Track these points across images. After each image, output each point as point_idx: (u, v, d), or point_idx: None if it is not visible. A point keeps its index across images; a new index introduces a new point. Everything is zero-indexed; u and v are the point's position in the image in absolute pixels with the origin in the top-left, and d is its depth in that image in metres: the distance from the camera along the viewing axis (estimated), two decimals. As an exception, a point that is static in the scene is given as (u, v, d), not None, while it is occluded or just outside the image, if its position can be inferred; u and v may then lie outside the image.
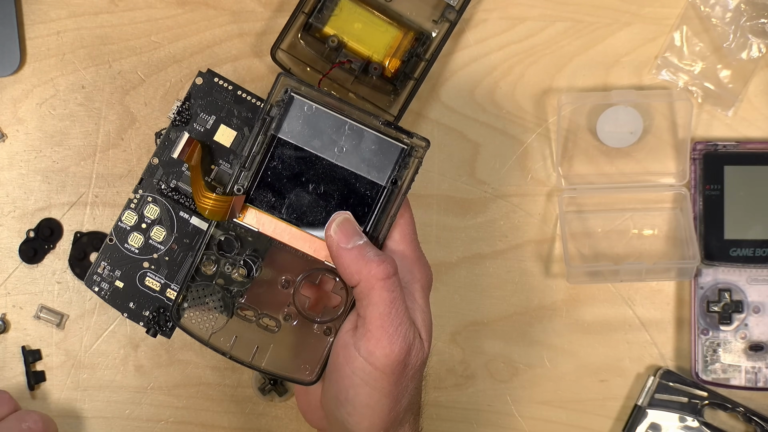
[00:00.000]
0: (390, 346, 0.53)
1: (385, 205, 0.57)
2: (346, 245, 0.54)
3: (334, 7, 0.66)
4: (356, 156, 0.56)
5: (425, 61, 0.67)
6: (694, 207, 0.69)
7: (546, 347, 0.70)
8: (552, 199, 0.70)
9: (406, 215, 0.57)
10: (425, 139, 0.56)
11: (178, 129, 0.57)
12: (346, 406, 0.55)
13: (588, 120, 0.70)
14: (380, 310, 0.53)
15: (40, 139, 0.68)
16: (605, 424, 0.70)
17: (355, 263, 0.54)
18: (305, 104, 0.56)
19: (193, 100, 0.57)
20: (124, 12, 0.69)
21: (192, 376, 0.68)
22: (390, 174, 0.56)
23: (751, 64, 0.70)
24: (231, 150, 0.57)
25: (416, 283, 0.56)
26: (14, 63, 0.67)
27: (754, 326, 0.69)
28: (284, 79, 0.55)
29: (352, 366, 0.54)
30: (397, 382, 0.54)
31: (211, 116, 0.57)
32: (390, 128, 0.56)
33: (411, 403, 0.56)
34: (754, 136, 0.70)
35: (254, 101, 0.57)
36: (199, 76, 0.57)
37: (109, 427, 0.68)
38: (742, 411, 0.68)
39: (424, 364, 0.56)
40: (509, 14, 0.70)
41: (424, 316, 0.56)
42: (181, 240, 0.58)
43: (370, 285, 0.53)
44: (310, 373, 0.57)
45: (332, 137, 0.56)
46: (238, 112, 0.57)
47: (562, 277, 0.70)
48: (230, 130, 0.57)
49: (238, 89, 0.57)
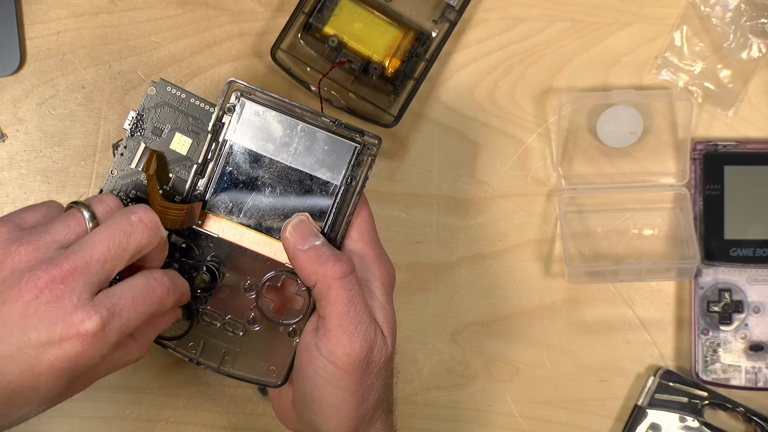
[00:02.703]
0: (350, 344, 0.53)
1: (341, 205, 0.57)
2: (302, 246, 0.54)
3: (334, 7, 0.66)
4: (310, 157, 0.56)
5: (425, 61, 0.67)
6: (694, 207, 0.69)
7: (546, 347, 0.70)
8: (552, 199, 0.70)
9: (364, 213, 0.57)
10: (377, 137, 0.57)
11: (135, 140, 0.57)
12: (313, 407, 0.55)
13: (588, 120, 0.70)
14: (338, 309, 0.53)
15: (40, 139, 0.68)
16: (605, 424, 0.70)
17: (311, 264, 0.54)
18: (256, 108, 0.56)
19: (147, 110, 0.57)
20: (124, 12, 0.69)
21: (192, 376, 0.68)
22: (344, 173, 0.57)
23: (751, 64, 0.70)
24: (187, 158, 0.57)
25: (376, 280, 0.56)
26: (14, 63, 0.67)
27: (754, 326, 0.69)
28: (234, 84, 0.56)
29: (314, 366, 0.54)
30: (361, 380, 0.54)
31: (166, 125, 0.57)
32: (341, 128, 0.56)
33: (380, 400, 0.56)
34: (754, 136, 0.70)
35: (208, 108, 0.57)
36: (152, 86, 0.57)
37: (109, 427, 0.68)
38: (742, 411, 0.68)
39: (390, 361, 0.56)
40: (509, 14, 0.70)
41: (386, 313, 0.56)
42: None
43: (327, 285, 0.53)
44: (278, 376, 0.58)
45: (285, 139, 0.56)
46: (193, 120, 0.57)
47: (562, 277, 0.70)
48: (186, 138, 0.57)
49: (192, 97, 0.57)
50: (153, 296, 0.51)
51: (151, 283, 0.51)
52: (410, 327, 0.70)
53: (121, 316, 0.49)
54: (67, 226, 0.50)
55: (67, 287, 0.47)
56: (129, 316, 0.49)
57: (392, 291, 0.58)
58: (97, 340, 0.48)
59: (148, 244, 0.51)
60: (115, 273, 0.50)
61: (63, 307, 0.47)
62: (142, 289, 0.50)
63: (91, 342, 0.48)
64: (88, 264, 0.48)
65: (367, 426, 0.56)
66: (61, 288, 0.47)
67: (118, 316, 0.48)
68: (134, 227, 0.50)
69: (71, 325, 0.47)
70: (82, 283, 0.48)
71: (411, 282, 0.70)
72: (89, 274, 0.48)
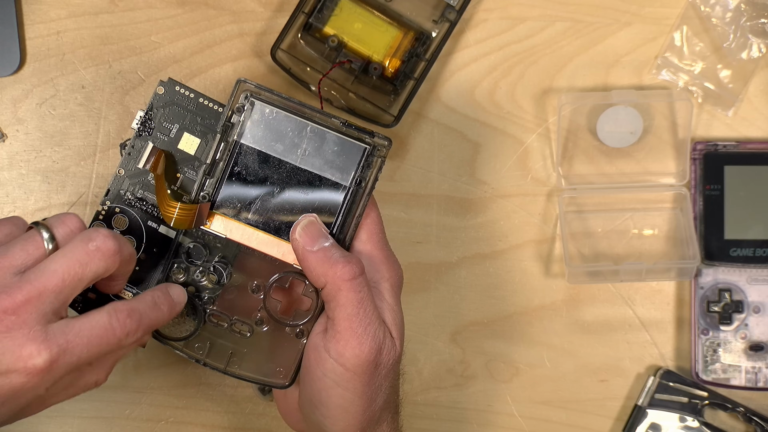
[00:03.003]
0: (359, 346, 0.53)
1: (350, 206, 0.56)
2: (311, 248, 0.54)
3: (334, 7, 0.66)
4: (319, 158, 0.56)
5: (425, 61, 0.67)
6: (694, 207, 0.69)
7: (546, 347, 0.70)
8: (552, 199, 0.70)
9: (373, 215, 0.57)
10: (387, 138, 0.56)
11: (143, 139, 0.57)
12: (320, 409, 0.55)
13: (588, 120, 0.70)
14: (348, 311, 0.53)
15: (40, 139, 0.68)
16: (605, 424, 0.70)
17: (320, 265, 0.53)
18: (266, 109, 0.56)
19: (155, 110, 0.57)
20: (124, 12, 0.69)
21: (192, 376, 0.68)
22: (354, 174, 0.56)
23: (751, 64, 0.70)
24: (195, 158, 0.57)
25: (385, 282, 0.56)
26: (14, 63, 0.67)
27: (754, 326, 0.69)
28: (243, 84, 0.56)
29: (323, 368, 0.54)
30: (369, 382, 0.54)
31: (174, 125, 0.57)
32: (351, 129, 0.56)
33: (387, 402, 0.56)
34: (754, 136, 0.70)
35: (217, 108, 0.57)
36: (160, 86, 0.57)
37: (109, 427, 0.68)
38: (742, 411, 0.68)
39: (398, 363, 0.56)
40: (509, 14, 0.70)
41: (394, 315, 0.56)
42: (150, 249, 0.57)
43: (337, 286, 0.53)
44: (285, 377, 0.57)
45: (294, 140, 0.56)
46: (201, 120, 0.57)
47: (562, 277, 0.70)
48: (194, 138, 0.57)
49: (200, 96, 0.57)
50: (111, 337, 0.50)
51: (113, 323, 0.50)
52: (410, 327, 0.69)
53: (73, 353, 0.48)
54: (25, 251, 0.50)
55: (18, 318, 0.47)
56: (81, 354, 0.49)
57: (400, 292, 0.57)
58: (43, 375, 0.47)
59: (106, 271, 0.50)
60: (71, 300, 0.50)
61: (13, 339, 0.47)
62: (101, 328, 0.49)
63: (37, 376, 0.47)
64: (42, 294, 0.48)
65: (374, 427, 0.56)
66: (13, 319, 0.47)
67: (69, 354, 0.48)
68: (91, 257, 0.49)
69: (19, 358, 0.47)
70: (35, 315, 0.47)
71: (411, 282, 0.69)
72: (43, 304, 0.48)
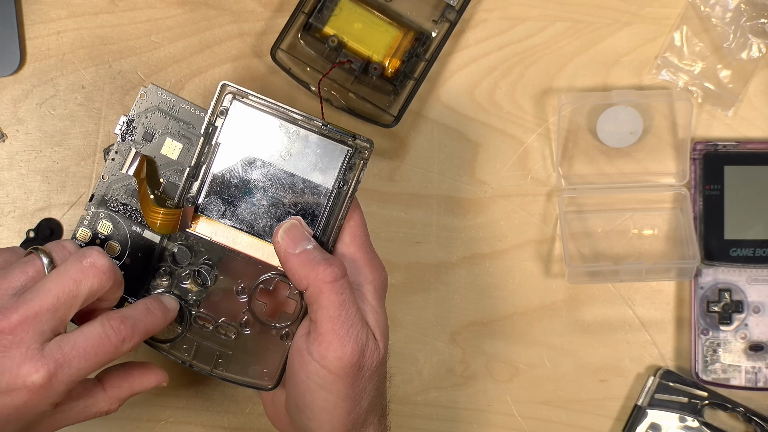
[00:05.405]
0: (342, 348, 0.53)
1: (333, 209, 0.57)
2: (293, 250, 0.54)
3: (334, 7, 0.66)
4: (302, 160, 0.56)
5: (425, 61, 0.67)
6: (694, 207, 0.69)
7: (546, 347, 0.70)
8: (552, 199, 0.70)
9: (356, 217, 0.57)
10: (369, 141, 0.56)
11: (126, 145, 0.57)
12: (305, 411, 0.55)
13: (588, 120, 0.70)
14: (330, 313, 0.53)
15: (40, 139, 0.68)
16: (605, 424, 0.70)
17: (302, 268, 0.53)
18: (249, 111, 0.56)
19: (138, 115, 0.57)
20: (124, 12, 0.69)
21: (192, 376, 0.68)
22: (336, 177, 0.56)
23: (751, 64, 0.70)
24: (178, 162, 0.57)
25: (368, 284, 0.56)
26: (14, 63, 0.67)
27: (754, 326, 0.69)
28: (226, 87, 0.56)
29: (306, 371, 0.54)
30: (353, 384, 0.54)
31: (157, 130, 0.57)
32: (333, 131, 0.56)
33: (372, 404, 0.56)
34: (754, 136, 0.70)
35: (199, 113, 0.57)
36: (142, 91, 0.57)
37: (109, 427, 0.68)
38: (742, 411, 0.68)
39: (382, 365, 0.56)
40: (509, 14, 0.70)
41: (378, 317, 0.56)
42: (135, 254, 0.58)
43: (319, 289, 0.53)
44: (270, 379, 0.58)
45: (277, 143, 0.56)
46: (183, 125, 0.57)
47: (562, 277, 0.70)
48: (176, 143, 0.57)
49: (182, 101, 0.57)
50: (107, 345, 0.51)
51: (107, 331, 0.51)
52: (410, 327, 0.70)
53: (71, 366, 0.49)
54: (24, 273, 0.51)
55: (15, 338, 0.48)
56: (79, 366, 0.50)
57: (384, 295, 0.57)
58: (44, 391, 0.49)
59: (100, 288, 0.51)
60: (68, 319, 0.50)
61: (11, 358, 0.48)
62: (96, 338, 0.51)
63: (37, 393, 0.49)
64: (38, 314, 0.49)
65: (359, 430, 0.56)
66: (10, 339, 0.48)
67: (67, 367, 0.49)
68: (85, 274, 0.50)
69: (18, 376, 0.48)
70: (31, 334, 0.49)
71: (411, 282, 0.70)
72: (39, 323, 0.49)
